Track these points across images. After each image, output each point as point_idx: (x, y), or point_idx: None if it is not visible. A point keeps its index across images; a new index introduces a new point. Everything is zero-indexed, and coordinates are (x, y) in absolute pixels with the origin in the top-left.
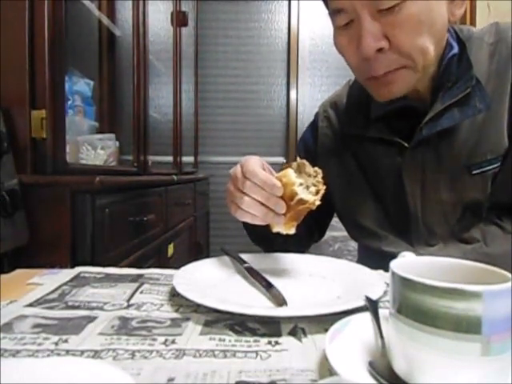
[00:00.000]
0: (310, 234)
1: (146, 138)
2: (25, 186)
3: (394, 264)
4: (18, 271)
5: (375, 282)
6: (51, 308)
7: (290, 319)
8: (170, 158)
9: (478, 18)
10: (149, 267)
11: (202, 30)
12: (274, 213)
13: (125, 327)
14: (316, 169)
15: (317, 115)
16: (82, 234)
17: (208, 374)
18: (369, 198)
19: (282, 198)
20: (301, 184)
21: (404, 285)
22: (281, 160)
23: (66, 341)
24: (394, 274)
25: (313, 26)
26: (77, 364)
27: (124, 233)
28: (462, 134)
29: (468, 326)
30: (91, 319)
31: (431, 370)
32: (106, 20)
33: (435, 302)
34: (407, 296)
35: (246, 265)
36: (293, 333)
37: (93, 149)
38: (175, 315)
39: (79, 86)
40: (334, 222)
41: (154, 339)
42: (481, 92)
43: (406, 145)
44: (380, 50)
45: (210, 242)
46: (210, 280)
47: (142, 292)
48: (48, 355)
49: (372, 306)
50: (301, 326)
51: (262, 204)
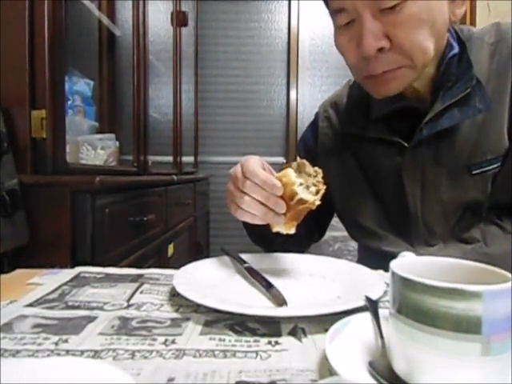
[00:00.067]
0: (309, 233)
1: (146, 137)
2: (25, 186)
3: (394, 264)
4: (18, 271)
5: (375, 282)
6: (51, 308)
7: (290, 319)
8: (170, 158)
9: (478, 18)
10: (149, 267)
11: (201, 30)
12: (273, 212)
13: (125, 327)
14: (316, 169)
15: (317, 115)
16: (82, 234)
17: (208, 374)
18: (369, 197)
19: (282, 197)
20: (301, 184)
21: (404, 285)
22: (281, 160)
23: (66, 341)
24: (394, 273)
25: (313, 26)
26: (77, 364)
27: (124, 233)
28: (462, 134)
29: (468, 326)
30: (91, 319)
31: (431, 370)
32: (105, 20)
33: (435, 301)
34: (407, 296)
35: (245, 265)
36: (293, 333)
37: (93, 149)
38: (175, 315)
39: (79, 86)
40: (334, 221)
41: (154, 339)
42: (481, 92)
43: (406, 145)
44: (381, 50)
45: (210, 241)
46: (210, 280)
47: (141, 292)
48: (48, 355)
49: (372, 306)
50: (301, 326)
51: (262, 204)
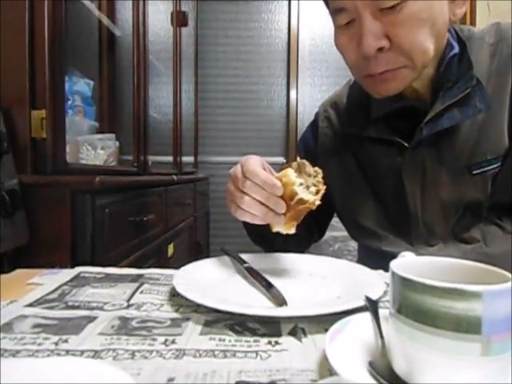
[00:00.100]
0: (309, 233)
1: (146, 137)
2: (25, 186)
3: (394, 264)
4: (18, 271)
5: (375, 282)
6: (51, 308)
7: (290, 319)
8: (170, 158)
9: (478, 18)
10: (149, 267)
11: (202, 30)
12: (273, 212)
13: (125, 327)
14: (316, 169)
15: (317, 115)
16: (82, 234)
17: (208, 374)
18: (369, 197)
19: (282, 197)
20: (301, 184)
21: (404, 285)
22: (281, 160)
23: (66, 341)
24: (394, 273)
25: (313, 26)
26: (77, 364)
27: (124, 233)
28: (463, 134)
29: (468, 326)
30: (91, 319)
31: (431, 370)
32: (106, 20)
33: (435, 302)
34: (407, 296)
35: (245, 265)
36: (293, 333)
37: (93, 149)
38: (175, 315)
39: (79, 86)
40: (334, 221)
41: (154, 339)
42: (481, 92)
43: (407, 145)
44: (381, 49)
45: (210, 241)
46: (210, 280)
47: (142, 292)
48: (48, 355)
49: (372, 306)
50: (301, 326)
51: (262, 204)
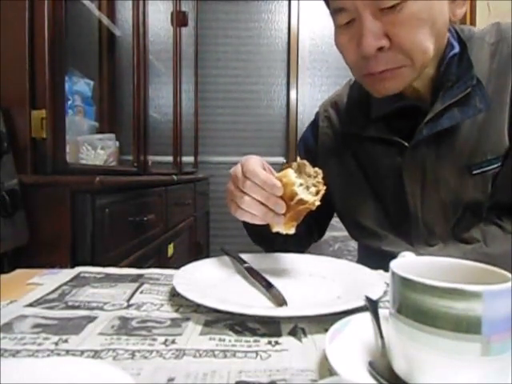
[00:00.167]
0: (309, 233)
1: (146, 137)
2: (25, 186)
3: (394, 264)
4: (18, 271)
5: (375, 282)
6: (51, 308)
7: (290, 319)
8: (170, 158)
9: (478, 18)
10: (149, 267)
11: (202, 30)
12: (273, 212)
13: (125, 327)
14: (316, 169)
15: (317, 115)
16: (82, 234)
17: (208, 374)
18: (369, 197)
19: (281, 197)
20: (301, 184)
21: (404, 285)
22: (281, 160)
23: (66, 341)
24: (394, 274)
25: (313, 26)
26: (77, 364)
27: (124, 233)
28: (463, 134)
29: (468, 326)
30: (91, 319)
31: (431, 370)
32: (106, 20)
33: (435, 302)
34: (407, 296)
35: (245, 265)
36: (293, 333)
37: (93, 149)
38: (175, 315)
39: (79, 86)
40: (334, 221)
41: (154, 339)
42: (481, 92)
43: (407, 144)
44: (381, 49)
45: (210, 241)
46: (210, 280)
47: (142, 292)
48: (48, 355)
49: (372, 306)
50: (301, 326)
51: (262, 204)
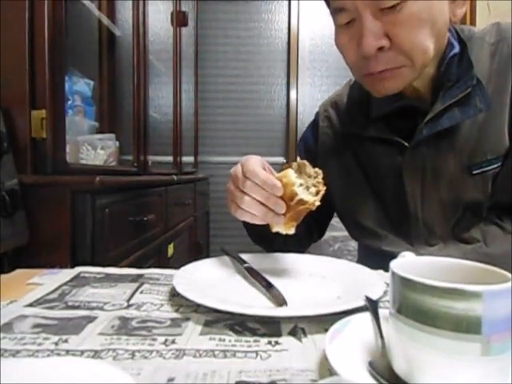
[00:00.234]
0: (309, 233)
1: (146, 137)
2: (25, 186)
3: (394, 264)
4: (18, 271)
5: (375, 282)
6: (51, 308)
7: (290, 319)
8: (170, 158)
9: (478, 18)
10: (149, 267)
11: (202, 30)
12: (273, 213)
13: (125, 327)
14: (316, 169)
15: (317, 115)
16: (82, 234)
17: (208, 374)
18: (369, 197)
19: (281, 198)
20: (301, 184)
21: (404, 285)
22: (281, 160)
23: (66, 341)
24: (394, 273)
25: (313, 26)
26: (77, 364)
27: (124, 233)
28: (463, 134)
29: (468, 326)
30: (91, 319)
31: (431, 370)
32: (106, 20)
33: (435, 302)
34: (407, 296)
35: (245, 265)
36: (293, 333)
37: (93, 149)
38: (175, 315)
39: (79, 86)
40: (334, 221)
41: (154, 339)
42: (481, 92)
43: (407, 144)
44: (381, 49)
45: (210, 241)
46: (210, 280)
47: (142, 292)
48: (48, 355)
49: (372, 306)
50: (301, 326)
51: (262, 204)
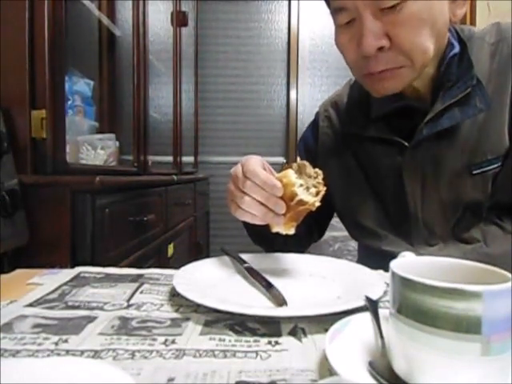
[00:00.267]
0: (309, 233)
1: (146, 137)
2: (25, 186)
3: (394, 264)
4: (18, 271)
5: (375, 282)
6: (51, 308)
7: (290, 319)
8: (170, 158)
9: (478, 18)
10: (149, 267)
11: (202, 30)
12: (273, 213)
13: (125, 327)
14: (316, 170)
15: (317, 115)
16: (82, 234)
17: (208, 374)
18: (369, 197)
19: (281, 198)
20: (301, 185)
21: (404, 285)
22: (281, 160)
23: (66, 341)
24: (394, 273)
25: (313, 26)
26: (77, 364)
27: (124, 233)
28: (463, 134)
29: (468, 326)
30: (91, 319)
31: (431, 370)
32: (106, 20)
33: (435, 302)
34: (407, 296)
35: (245, 265)
36: (293, 333)
37: (93, 149)
38: (175, 315)
39: (79, 86)
40: (334, 221)
41: (154, 339)
42: (481, 92)
43: (407, 144)
44: (381, 49)
45: (210, 241)
46: (210, 280)
47: (142, 292)
48: (48, 355)
49: (372, 306)
50: (301, 326)
51: (262, 204)
